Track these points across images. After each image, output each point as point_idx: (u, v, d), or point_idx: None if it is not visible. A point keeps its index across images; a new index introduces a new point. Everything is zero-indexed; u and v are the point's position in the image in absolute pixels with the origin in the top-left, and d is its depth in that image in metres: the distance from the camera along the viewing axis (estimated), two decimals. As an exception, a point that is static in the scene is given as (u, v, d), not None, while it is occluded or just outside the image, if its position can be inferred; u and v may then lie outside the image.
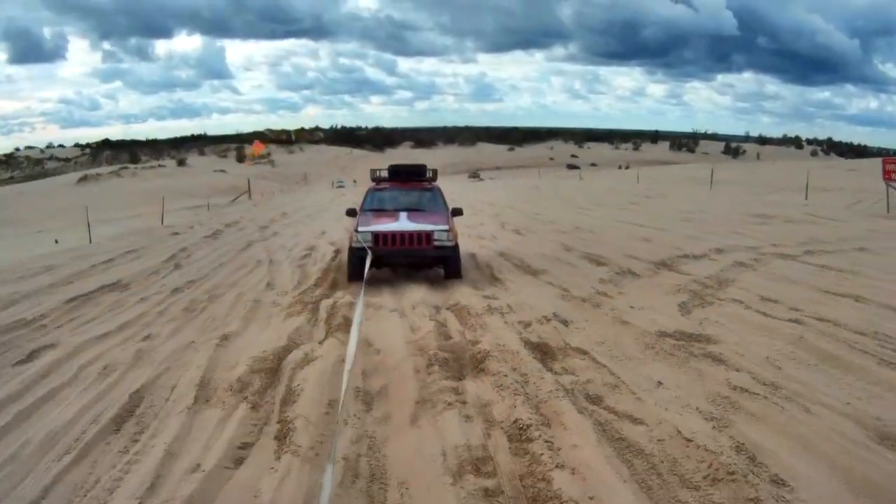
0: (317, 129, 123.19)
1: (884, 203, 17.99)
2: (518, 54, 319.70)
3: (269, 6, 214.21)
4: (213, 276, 9.68)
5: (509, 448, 3.46)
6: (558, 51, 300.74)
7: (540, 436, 3.50)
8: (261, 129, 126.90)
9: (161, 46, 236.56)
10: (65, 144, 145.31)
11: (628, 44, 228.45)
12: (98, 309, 7.73)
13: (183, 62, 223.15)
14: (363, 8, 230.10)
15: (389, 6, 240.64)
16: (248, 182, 44.26)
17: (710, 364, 4.88)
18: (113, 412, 4.14)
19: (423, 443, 3.50)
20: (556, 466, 3.18)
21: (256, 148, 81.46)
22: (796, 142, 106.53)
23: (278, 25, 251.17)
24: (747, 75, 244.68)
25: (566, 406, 3.94)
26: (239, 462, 3.41)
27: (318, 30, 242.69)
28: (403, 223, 9.00)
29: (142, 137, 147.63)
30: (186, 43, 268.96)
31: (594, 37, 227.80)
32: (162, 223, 23.51)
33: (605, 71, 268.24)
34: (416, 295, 7.68)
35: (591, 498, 2.91)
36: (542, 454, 3.30)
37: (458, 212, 9.90)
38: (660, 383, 4.42)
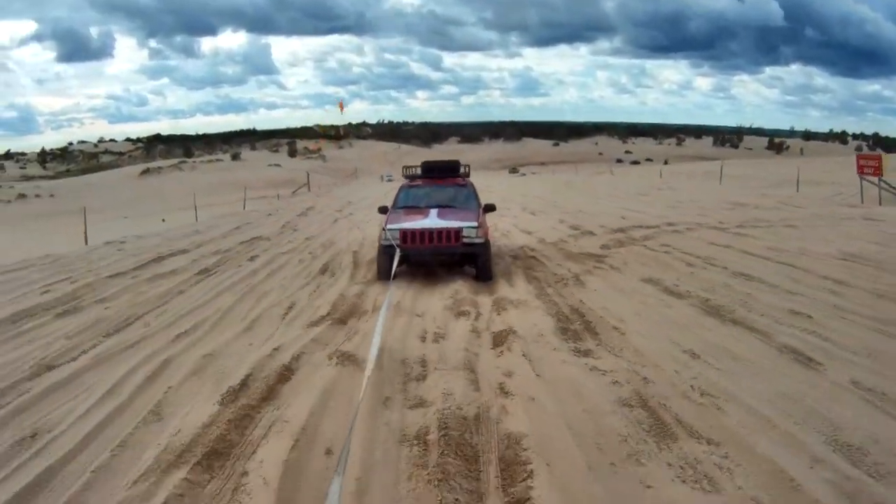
0: (364, 124, 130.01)
1: (867, 194, 21.04)
2: (563, 48, 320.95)
3: (313, 3, 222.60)
4: (324, 234, 15.51)
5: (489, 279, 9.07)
6: (603, 44, 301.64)
7: (501, 277, 9.08)
8: (308, 124, 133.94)
9: (207, 44, 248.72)
10: (116, 139, 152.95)
11: (674, 37, 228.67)
12: (263, 246, 13.55)
13: (229, 59, 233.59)
14: (406, 3, 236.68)
15: (432, 1, 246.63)
16: (308, 176, 50.54)
17: (593, 262, 10.32)
18: (317, 269, 9.95)
19: (441, 292, 9.12)
20: (503, 282, 8.75)
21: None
22: (841, 137, 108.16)
23: (322, 22, 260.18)
24: (795, 67, 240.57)
25: (515, 270, 9.51)
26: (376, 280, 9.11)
27: (361, 26, 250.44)
28: (433, 220, 9.29)
29: (190, 132, 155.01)
30: (232, 40, 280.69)
31: (639, 30, 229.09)
32: (244, 208, 29.65)
33: (651, 64, 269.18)
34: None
35: (510, 285, 8.48)
36: (500, 282, 8.88)
37: (490, 208, 10.28)
38: (559, 265, 9.93)
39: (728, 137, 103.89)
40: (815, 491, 3.34)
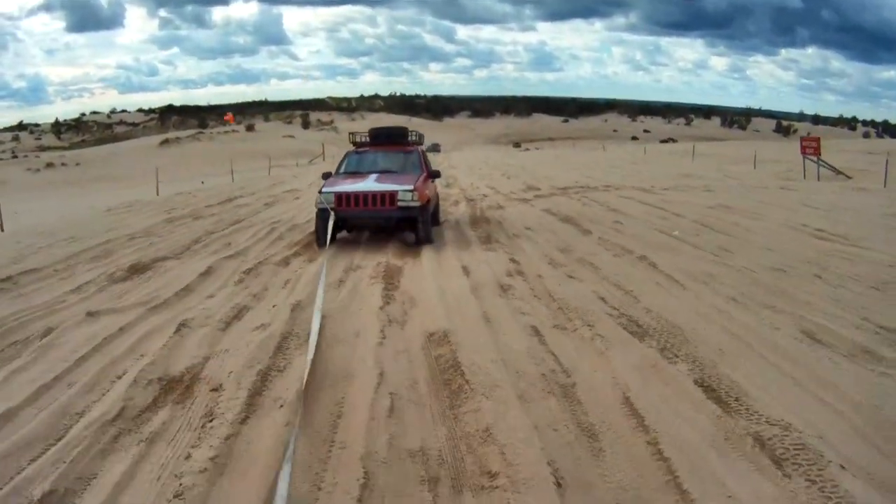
0: (376, 96, 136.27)
1: (809, 172, 24.03)
2: (578, 23, 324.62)
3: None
4: (343, 186, 21.82)
5: (458, 199, 15.39)
6: (619, 20, 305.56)
7: (451, 208, 15.40)
8: (321, 95, 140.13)
9: (218, 13, 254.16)
10: (127, 109, 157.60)
11: (690, 14, 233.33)
12: (299, 194, 19.88)
13: (240, 28, 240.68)
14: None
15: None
16: (323, 146, 56.90)
17: (519, 202, 16.55)
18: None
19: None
20: (452, 209, 15.08)
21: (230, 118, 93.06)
22: (850, 122, 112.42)
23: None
24: (811, 50, 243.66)
25: (467, 205, 15.84)
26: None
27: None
28: (369, 184, 9.55)
29: (202, 102, 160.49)
30: (243, 10, 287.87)
31: (655, 6, 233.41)
32: (269, 174, 36.00)
33: (666, 42, 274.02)
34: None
35: (457, 210, 14.81)
36: (450, 209, 15.21)
37: (435, 174, 11.11)
38: (497, 203, 16.23)
39: (736, 119, 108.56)
40: (529, 263, 9.56)
